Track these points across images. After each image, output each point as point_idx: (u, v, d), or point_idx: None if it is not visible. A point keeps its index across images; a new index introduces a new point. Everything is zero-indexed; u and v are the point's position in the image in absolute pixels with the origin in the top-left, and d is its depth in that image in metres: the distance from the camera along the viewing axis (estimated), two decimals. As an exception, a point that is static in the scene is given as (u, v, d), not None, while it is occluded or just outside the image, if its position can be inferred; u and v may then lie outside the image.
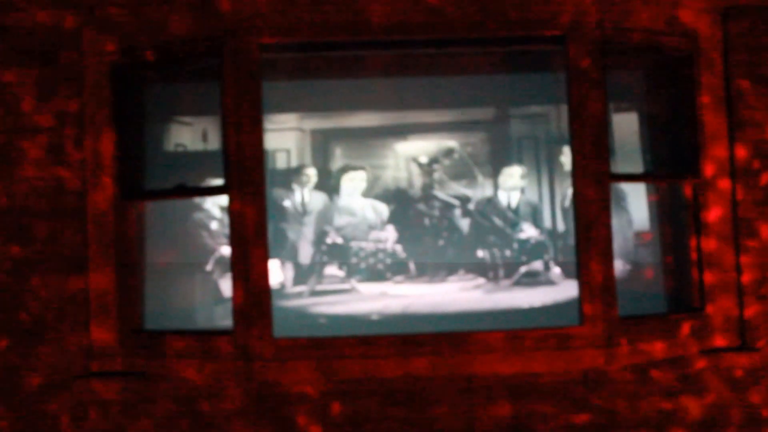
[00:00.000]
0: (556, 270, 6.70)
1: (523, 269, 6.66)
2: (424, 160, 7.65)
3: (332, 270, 6.70)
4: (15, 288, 3.58)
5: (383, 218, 7.00)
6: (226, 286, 5.13)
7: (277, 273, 6.27)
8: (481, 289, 6.45)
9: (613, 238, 3.55)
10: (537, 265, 6.71)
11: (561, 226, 7.15)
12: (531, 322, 4.68)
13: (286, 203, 6.77)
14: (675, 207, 3.95)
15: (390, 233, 6.84)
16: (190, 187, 4.27)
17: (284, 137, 7.67)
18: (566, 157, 6.63)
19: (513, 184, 7.14)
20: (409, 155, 7.81)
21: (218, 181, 3.62)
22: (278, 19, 3.48)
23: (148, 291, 3.79)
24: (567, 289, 5.84)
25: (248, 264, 3.43)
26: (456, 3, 3.51)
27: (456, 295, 6.29)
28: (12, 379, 3.57)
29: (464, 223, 7.19)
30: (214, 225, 5.79)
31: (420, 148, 7.79)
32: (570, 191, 3.92)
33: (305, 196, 6.86)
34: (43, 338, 3.56)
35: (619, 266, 4.83)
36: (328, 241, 6.68)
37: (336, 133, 8.03)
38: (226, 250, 5.30)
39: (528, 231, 6.90)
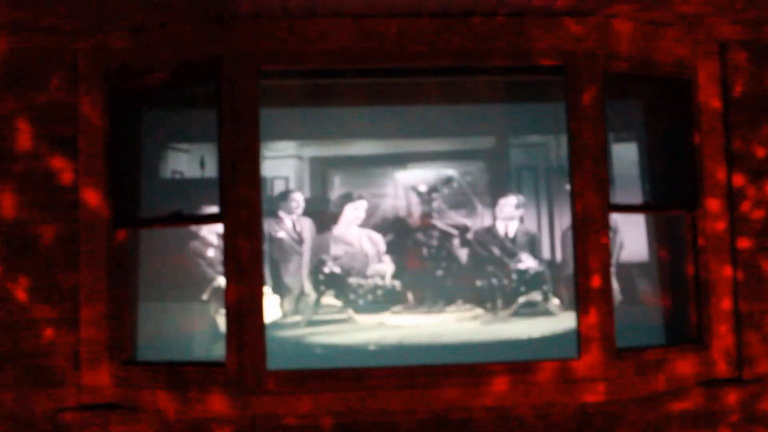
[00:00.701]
0: (555, 301, 6.66)
1: (521, 300, 6.62)
2: (423, 188, 7.63)
3: (329, 299, 6.65)
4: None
5: (380, 249, 6.97)
6: (222, 316, 5.07)
7: (273, 303, 6.21)
8: (480, 319, 6.40)
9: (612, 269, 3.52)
10: (536, 295, 6.67)
11: (560, 257, 7.12)
12: (530, 353, 4.62)
13: (281, 232, 6.73)
14: (673, 237, 3.92)
15: (388, 266, 6.80)
16: (184, 215, 4.24)
17: (282, 165, 7.64)
18: (565, 187, 6.60)
19: (512, 213, 7.12)
20: (408, 184, 7.80)
21: (214, 209, 3.59)
22: (276, 46, 3.48)
23: (142, 320, 3.75)
24: (566, 320, 5.78)
25: (242, 295, 3.38)
26: (457, 32, 3.51)
27: (454, 325, 6.24)
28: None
29: (463, 253, 7.16)
30: (210, 252, 5.74)
31: (419, 176, 7.77)
32: (569, 222, 3.92)
33: (300, 224, 6.82)
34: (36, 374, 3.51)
35: (618, 298, 4.78)
36: (325, 270, 6.63)
37: (335, 161, 8.01)
38: (222, 279, 5.24)
39: (527, 261, 6.87)
